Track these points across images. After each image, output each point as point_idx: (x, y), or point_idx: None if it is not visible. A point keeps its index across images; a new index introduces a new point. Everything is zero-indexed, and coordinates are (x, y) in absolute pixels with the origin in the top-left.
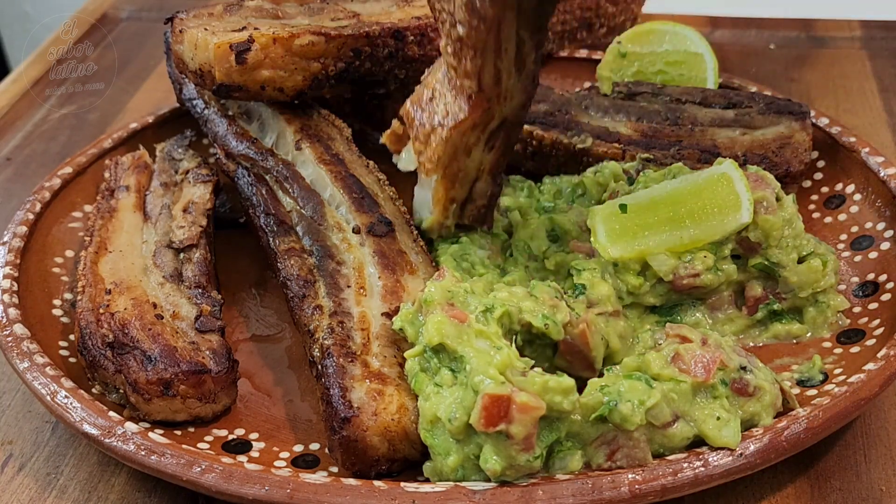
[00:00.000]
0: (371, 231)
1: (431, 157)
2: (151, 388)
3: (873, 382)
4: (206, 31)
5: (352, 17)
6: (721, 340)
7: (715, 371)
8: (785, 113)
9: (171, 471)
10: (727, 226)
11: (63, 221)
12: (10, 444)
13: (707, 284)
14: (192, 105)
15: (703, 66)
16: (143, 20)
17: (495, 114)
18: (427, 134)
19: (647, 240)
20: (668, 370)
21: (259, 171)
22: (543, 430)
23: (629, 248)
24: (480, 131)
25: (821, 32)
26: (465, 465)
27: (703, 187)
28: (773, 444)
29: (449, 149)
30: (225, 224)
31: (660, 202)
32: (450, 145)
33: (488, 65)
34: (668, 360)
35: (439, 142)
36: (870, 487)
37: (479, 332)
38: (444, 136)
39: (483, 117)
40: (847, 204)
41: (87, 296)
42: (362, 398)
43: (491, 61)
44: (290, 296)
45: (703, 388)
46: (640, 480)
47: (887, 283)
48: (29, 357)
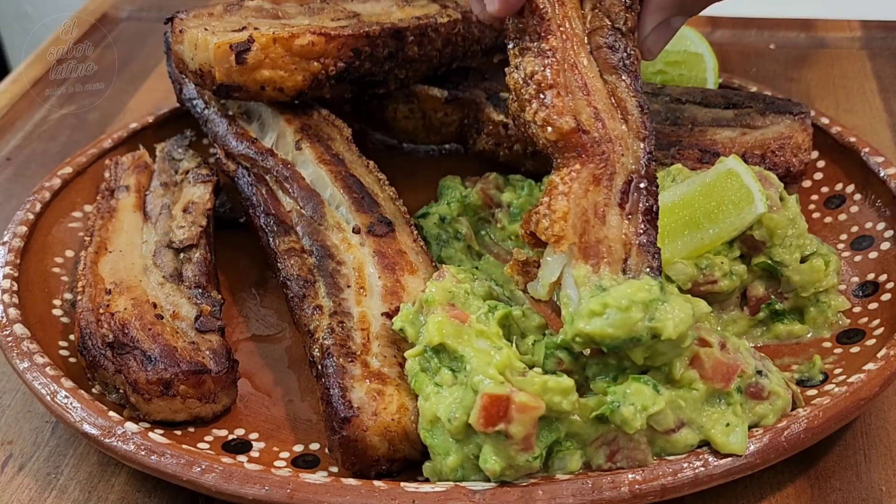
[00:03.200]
0: (371, 231)
1: (557, 219)
2: (151, 388)
3: (873, 382)
4: (206, 31)
5: (352, 17)
6: (738, 344)
7: (734, 379)
8: (785, 113)
9: (171, 471)
10: (744, 219)
11: (63, 221)
12: (10, 443)
13: (724, 290)
14: (192, 105)
15: (702, 66)
16: (143, 20)
17: (616, 166)
18: (547, 205)
19: (667, 248)
20: (688, 374)
21: (259, 171)
22: (543, 430)
23: None
24: (607, 188)
25: (821, 32)
26: (465, 465)
27: (713, 186)
28: (773, 444)
29: (573, 206)
30: (225, 224)
31: (673, 208)
32: (573, 201)
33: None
34: (687, 364)
35: (560, 200)
36: (870, 487)
37: (479, 332)
38: (563, 190)
39: (602, 168)
40: (847, 204)
41: (87, 296)
42: (362, 398)
43: (582, 99)
44: (290, 296)
45: (719, 394)
46: (640, 480)
47: (887, 283)
48: (29, 357)
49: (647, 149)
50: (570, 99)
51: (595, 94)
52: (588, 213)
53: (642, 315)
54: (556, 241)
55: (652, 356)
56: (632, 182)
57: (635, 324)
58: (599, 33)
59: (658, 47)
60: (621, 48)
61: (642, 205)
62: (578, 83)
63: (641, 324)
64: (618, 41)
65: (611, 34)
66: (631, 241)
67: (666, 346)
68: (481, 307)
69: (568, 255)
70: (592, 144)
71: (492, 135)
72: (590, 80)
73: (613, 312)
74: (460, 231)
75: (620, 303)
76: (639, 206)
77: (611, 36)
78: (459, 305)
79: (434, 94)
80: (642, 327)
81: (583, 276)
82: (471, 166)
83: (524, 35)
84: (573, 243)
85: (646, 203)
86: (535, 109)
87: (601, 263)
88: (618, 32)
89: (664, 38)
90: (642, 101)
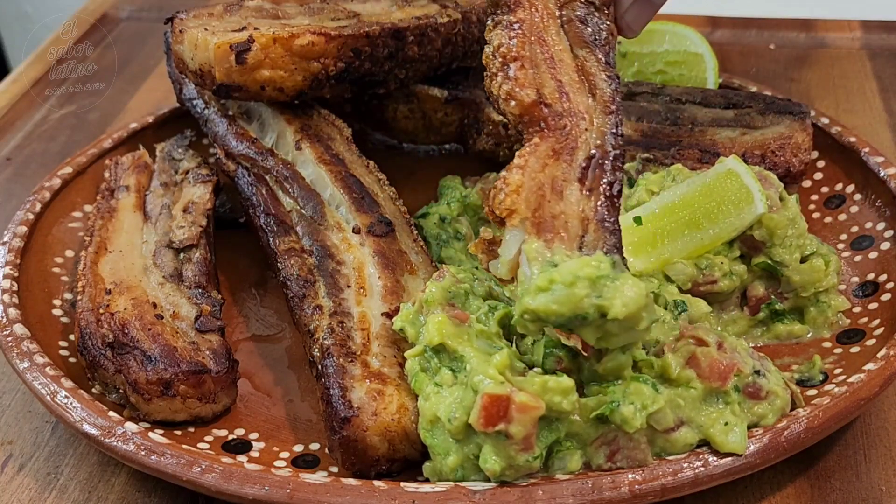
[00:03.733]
0: (371, 231)
1: (509, 192)
2: (151, 388)
3: (873, 382)
4: (206, 31)
5: (352, 16)
6: (736, 343)
7: (731, 378)
8: (785, 113)
9: (171, 471)
10: (744, 219)
11: (63, 221)
12: (10, 443)
13: (724, 290)
14: (192, 105)
15: (703, 65)
16: (143, 20)
17: (578, 140)
18: (504, 179)
19: (667, 248)
20: (685, 373)
21: (259, 171)
22: (543, 430)
23: (651, 260)
24: (567, 163)
25: (821, 32)
26: (465, 465)
27: (713, 186)
28: (773, 444)
29: (528, 179)
30: (225, 224)
31: (673, 209)
32: (528, 174)
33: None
34: (683, 363)
35: (514, 173)
36: (870, 487)
37: (479, 331)
38: (519, 164)
39: (563, 142)
40: (847, 204)
41: (87, 296)
42: (362, 398)
43: (546, 72)
44: (290, 296)
45: (716, 393)
46: (640, 480)
47: (887, 283)
48: (29, 357)
49: (614, 123)
50: (535, 72)
51: (561, 68)
52: (545, 187)
53: (588, 291)
54: (508, 215)
55: (604, 337)
56: (594, 157)
57: (580, 300)
58: (571, 6)
59: (639, 24)
60: (593, 22)
61: (605, 181)
62: (544, 56)
63: (588, 300)
64: (590, 14)
65: (583, 7)
66: (589, 218)
67: (616, 327)
68: (481, 307)
69: (522, 231)
70: (554, 118)
71: (492, 135)
72: (556, 52)
73: (559, 288)
74: (460, 231)
75: (566, 278)
76: (600, 182)
77: (582, 9)
78: (459, 305)
79: (434, 94)
80: (588, 304)
81: (534, 250)
82: (471, 166)
83: (498, 8)
84: (525, 217)
85: (609, 179)
86: (500, 83)
87: (555, 239)
88: (591, 6)
89: (645, 14)
90: (613, 77)
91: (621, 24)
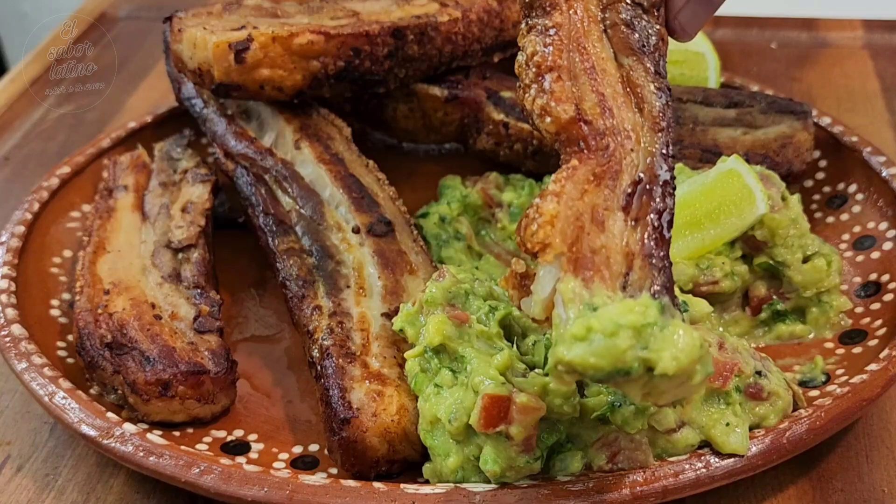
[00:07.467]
0: (371, 231)
1: (543, 224)
2: (150, 389)
3: (875, 383)
4: (205, 30)
5: (351, 15)
6: (737, 344)
7: (732, 378)
8: (787, 112)
9: (170, 472)
10: (745, 220)
11: (61, 221)
12: (8, 444)
13: (725, 290)
14: (191, 104)
15: (704, 65)
16: (142, 19)
17: (622, 162)
18: (536, 207)
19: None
20: None
21: (258, 170)
22: (543, 431)
23: None
24: (609, 189)
25: (823, 32)
26: (465, 466)
27: (714, 186)
28: (775, 445)
29: (564, 208)
30: (224, 224)
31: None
32: (565, 203)
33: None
34: None
35: (549, 202)
36: (872, 489)
37: (480, 332)
38: (555, 190)
39: (605, 165)
40: (849, 204)
41: (85, 296)
42: (362, 399)
43: (587, 84)
44: (290, 296)
45: (718, 394)
46: (642, 482)
47: (889, 283)
48: (27, 358)
49: (665, 142)
50: (573, 84)
51: (603, 79)
52: (584, 217)
53: (632, 343)
54: (541, 250)
55: (651, 393)
56: (640, 182)
57: (623, 353)
58: (616, 8)
59: (694, 26)
60: (641, 26)
61: (653, 210)
62: (585, 65)
63: (631, 353)
64: (637, 18)
65: (629, 10)
66: (634, 253)
67: (665, 383)
68: (482, 307)
69: (558, 268)
70: (595, 137)
71: (492, 134)
72: (599, 61)
73: (599, 338)
74: (460, 231)
75: (607, 326)
76: (648, 212)
77: (629, 11)
78: (460, 306)
79: (434, 93)
80: (632, 357)
81: (571, 290)
82: (471, 166)
83: (532, 10)
84: (561, 252)
85: (658, 207)
86: (534, 96)
87: (595, 277)
88: (638, 8)
89: (703, 14)
90: (664, 89)
91: (674, 25)
